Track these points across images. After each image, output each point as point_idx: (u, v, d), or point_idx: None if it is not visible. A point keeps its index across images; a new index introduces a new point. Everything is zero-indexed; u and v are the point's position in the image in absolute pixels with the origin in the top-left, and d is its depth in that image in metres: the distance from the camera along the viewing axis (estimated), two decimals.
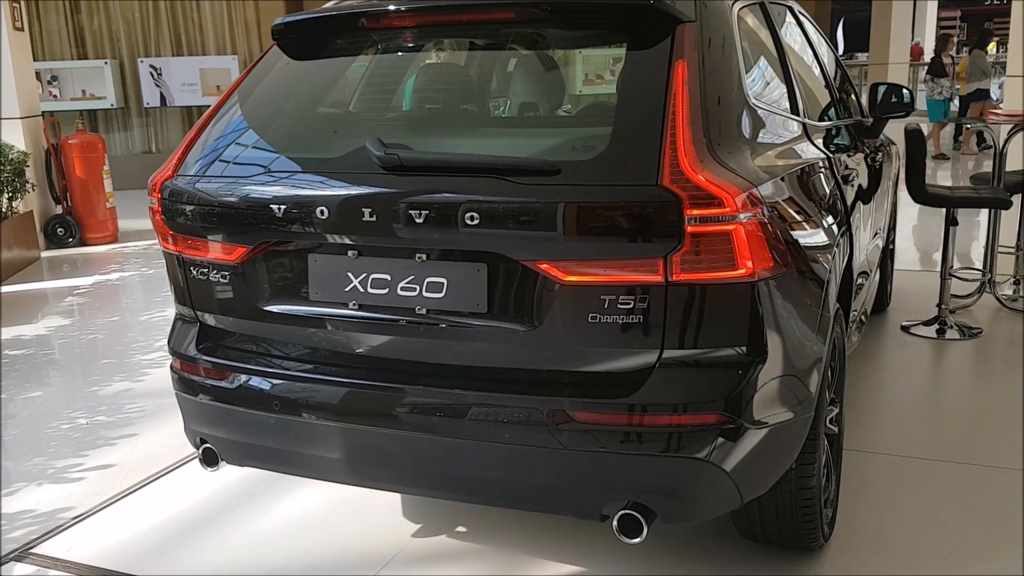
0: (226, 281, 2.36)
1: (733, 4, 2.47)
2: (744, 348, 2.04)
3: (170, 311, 5.64)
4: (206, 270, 2.39)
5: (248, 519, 2.98)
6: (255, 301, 2.34)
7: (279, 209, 2.20)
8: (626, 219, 1.97)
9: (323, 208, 2.15)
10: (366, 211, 2.11)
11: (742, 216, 1.95)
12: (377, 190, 2.13)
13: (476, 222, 2.02)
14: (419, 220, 2.07)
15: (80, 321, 5.70)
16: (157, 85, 11.45)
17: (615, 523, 2.08)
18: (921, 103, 18.56)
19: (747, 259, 1.97)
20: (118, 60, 11.67)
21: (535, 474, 2.14)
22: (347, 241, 2.20)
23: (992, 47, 25.76)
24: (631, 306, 2.00)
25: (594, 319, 2.02)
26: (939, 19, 31.56)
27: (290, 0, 11.66)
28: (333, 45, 2.60)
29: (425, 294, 2.15)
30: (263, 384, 2.35)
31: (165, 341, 5.02)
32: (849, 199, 2.94)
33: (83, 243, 7.97)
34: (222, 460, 2.48)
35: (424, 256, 2.14)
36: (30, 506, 3.12)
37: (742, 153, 2.14)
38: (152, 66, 11.42)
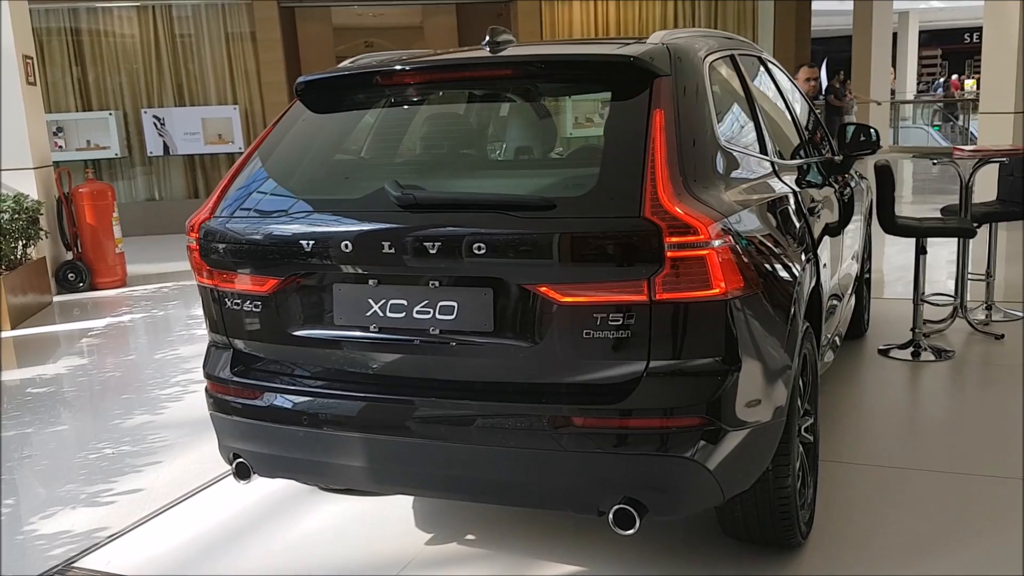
0: (258, 310, 2.63)
1: (705, 58, 2.78)
2: (720, 358, 2.31)
3: (183, 349, 5.96)
4: (240, 301, 2.66)
5: (272, 533, 3.21)
6: (284, 327, 2.61)
7: (307, 244, 2.49)
8: (614, 247, 2.25)
9: (347, 243, 2.44)
10: (385, 244, 2.40)
11: (715, 243, 2.24)
12: (395, 226, 2.42)
13: (483, 251, 2.31)
14: (432, 251, 2.35)
15: (96, 360, 5.95)
16: (160, 135, 11.78)
17: (611, 517, 2.33)
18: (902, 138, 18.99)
19: (720, 280, 2.26)
20: (122, 111, 12.02)
21: (539, 475, 2.40)
22: (368, 271, 2.48)
23: (972, 84, 26.43)
24: (620, 322, 2.27)
25: (588, 335, 2.29)
26: (920, 57, 32.27)
27: (289, 52, 12.07)
28: (350, 100, 2.91)
29: (438, 316, 2.43)
30: (292, 401, 2.61)
31: (180, 377, 5.30)
32: (816, 229, 3.23)
33: (93, 288, 8.21)
34: (254, 473, 2.73)
35: (437, 283, 2.42)
36: (66, 527, 3.35)
37: (715, 188, 2.43)
38: (155, 116, 11.77)
